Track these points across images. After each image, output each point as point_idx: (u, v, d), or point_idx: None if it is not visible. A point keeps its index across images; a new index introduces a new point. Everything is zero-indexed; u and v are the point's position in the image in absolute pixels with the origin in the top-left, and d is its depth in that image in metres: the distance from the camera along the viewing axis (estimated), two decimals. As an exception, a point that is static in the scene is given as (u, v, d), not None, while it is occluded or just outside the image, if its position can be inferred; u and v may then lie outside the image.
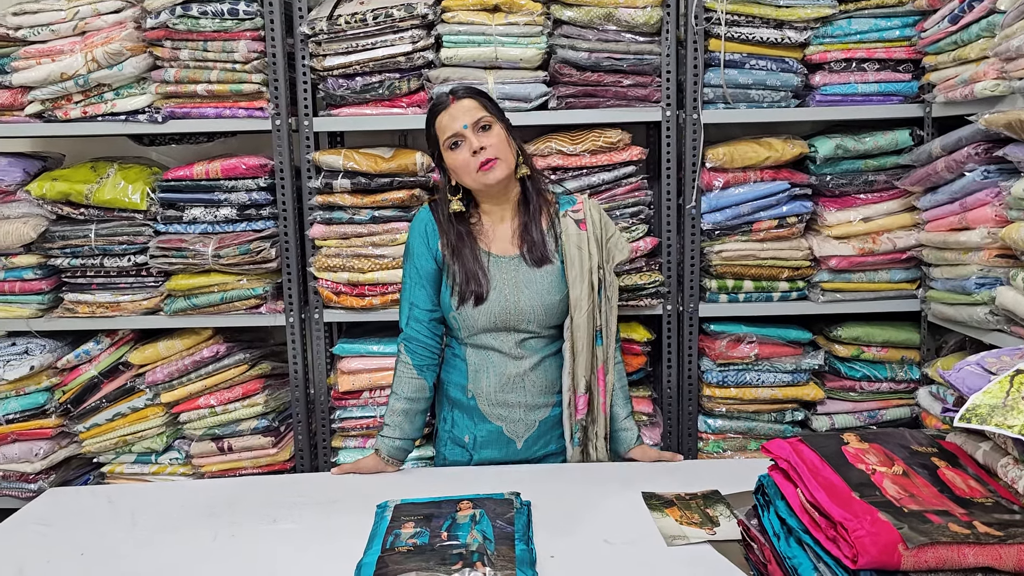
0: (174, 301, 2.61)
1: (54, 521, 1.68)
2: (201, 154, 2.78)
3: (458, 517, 1.53)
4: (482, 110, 1.90)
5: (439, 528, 1.48)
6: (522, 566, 1.34)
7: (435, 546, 1.41)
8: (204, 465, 2.69)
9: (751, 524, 1.33)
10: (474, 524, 1.49)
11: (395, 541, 1.45)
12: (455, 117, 1.89)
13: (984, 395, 1.19)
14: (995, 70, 2.05)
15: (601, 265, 1.99)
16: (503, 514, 1.53)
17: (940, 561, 1.01)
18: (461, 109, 1.90)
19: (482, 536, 1.44)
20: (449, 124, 1.90)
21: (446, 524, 1.50)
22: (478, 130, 1.89)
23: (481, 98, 1.94)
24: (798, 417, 2.66)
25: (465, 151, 1.88)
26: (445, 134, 1.91)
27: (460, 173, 1.91)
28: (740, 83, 2.50)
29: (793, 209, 2.55)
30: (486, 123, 1.90)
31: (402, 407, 1.98)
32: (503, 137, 1.91)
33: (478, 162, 1.87)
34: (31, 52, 2.51)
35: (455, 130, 1.89)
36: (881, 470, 1.19)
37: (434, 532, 1.47)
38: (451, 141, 1.90)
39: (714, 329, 2.61)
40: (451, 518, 1.52)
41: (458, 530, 1.47)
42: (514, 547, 1.40)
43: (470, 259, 1.93)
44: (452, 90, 1.94)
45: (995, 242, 2.04)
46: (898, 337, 2.62)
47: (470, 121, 1.88)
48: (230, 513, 1.68)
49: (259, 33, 2.50)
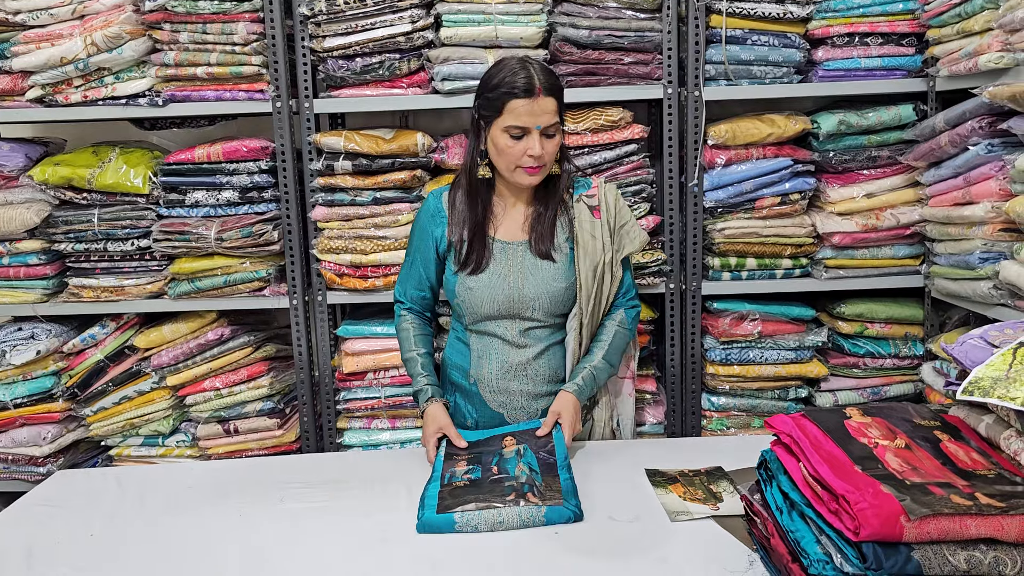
0: (178, 285, 2.62)
1: (62, 503, 1.69)
2: (202, 137, 2.78)
3: (504, 453, 1.71)
4: (556, 116, 1.84)
5: (489, 464, 1.67)
6: (567, 496, 1.50)
7: (488, 480, 1.60)
8: (211, 447, 2.71)
9: (754, 499, 1.33)
10: (519, 458, 1.67)
11: (452, 477, 1.63)
12: (535, 114, 1.79)
13: (987, 368, 1.19)
14: (999, 42, 2.03)
15: (612, 258, 1.95)
16: (544, 445, 1.72)
17: (942, 532, 1.02)
18: (542, 108, 1.80)
19: (528, 468, 1.62)
20: (525, 116, 1.79)
21: (494, 460, 1.68)
22: (544, 135, 1.83)
23: (560, 100, 1.86)
24: (802, 394, 2.67)
25: (523, 146, 1.81)
26: (515, 121, 1.80)
27: (501, 156, 1.85)
28: (742, 59, 2.48)
29: (796, 186, 2.54)
30: (553, 132, 1.84)
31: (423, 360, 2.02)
32: (558, 145, 1.87)
33: (527, 164, 1.83)
34: (30, 36, 2.50)
35: (527, 125, 1.80)
36: (883, 443, 1.20)
37: (485, 467, 1.66)
38: (517, 131, 1.81)
39: (717, 307, 2.61)
40: (498, 454, 1.71)
41: (506, 464, 1.65)
42: (558, 477, 1.58)
43: (479, 233, 1.92)
44: (539, 79, 1.80)
45: (999, 216, 2.03)
46: (902, 313, 2.61)
47: (545, 123, 1.81)
48: (238, 494, 1.69)
49: (258, 15, 2.49)
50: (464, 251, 1.92)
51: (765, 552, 1.29)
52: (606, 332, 1.98)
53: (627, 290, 2.02)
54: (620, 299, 2.00)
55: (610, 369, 1.97)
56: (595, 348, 1.96)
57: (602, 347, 1.96)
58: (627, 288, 2.02)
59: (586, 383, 1.91)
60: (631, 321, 2.02)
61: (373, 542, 1.45)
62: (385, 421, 2.65)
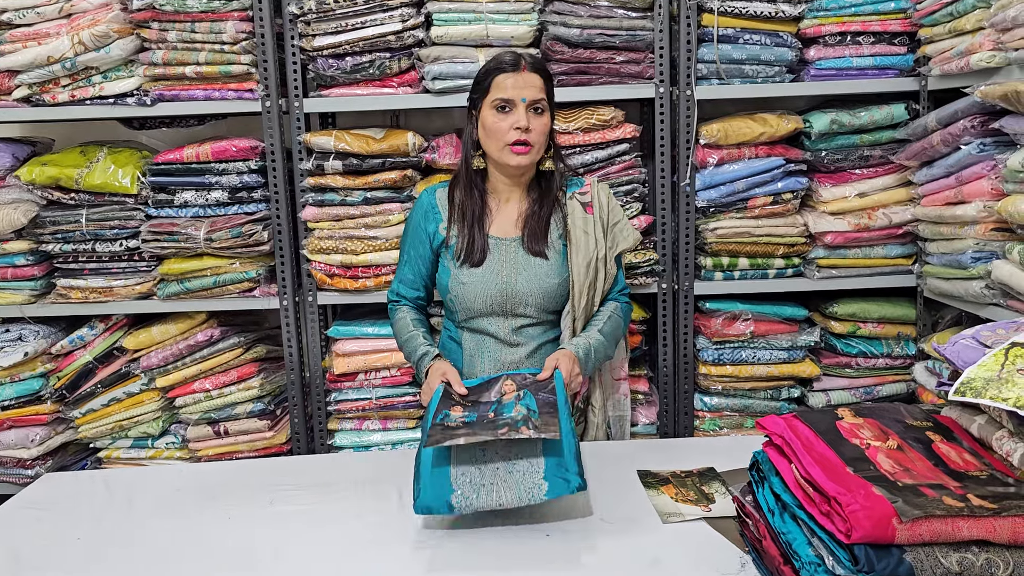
0: (167, 285, 2.60)
1: (50, 506, 1.67)
2: (191, 137, 2.76)
3: (504, 400, 1.63)
4: (543, 92, 1.87)
5: (486, 411, 1.59)
6: (569, 458, 1.45)
7: (483, 421, 1.53)
8: (201, 449, 2.69)
9: (746, 500, 1.33)
10: (518, 401, 1.60)
11: (445, 419, 1.56)
12: (519, 86, 1.84)
13: (979, 368, 1.18)
14: (991, 41, 2.03)
15: (605, 255, 1.96)
16: (544, 387, 1.65)
17: (934, 534, 1.01)
18: (527, 81, 1.85)
19: (526, 408, 1.55)
20: (510, 89, 1.84)
21: (492, 407, 1.60)
22: (531, 110, 1.85)
23: (547, 80, 1.90)
24: (794, 394, 2.66)
25: (510, 120, 1.84)
26: (500, 94, 1.85)
27: (490, 137, 1.87)
28: (734, 58, 2.47)
29: (788, 185, 2.53)
30: (541, 107, 1.87)
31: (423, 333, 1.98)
32: (547, 127, 1.89)
33: (514, 139, 1.84)
34: (17, 35, 2.48)
35: (512, 97, 1.84)
36: (875, 444, 1.19)
37: (481, 414, 1.58)
38: (502, 104, 1.85)
39: (709, 307, 2.60)
40: (497, 402, 1.63)
41: (504, 409, 1.58)
42: (557, 415, 1.51)
43: (475, 227, 1.92)
44: (525, 56, 1.89)
45: (991, 215, 2.03)
46: (894, 313, 2.61)
47: (530, 97, 1.85)
48: (227, 496, 1.68)
49: (247, 13, 2.47)
50: (464, 244, 1.92)
51: (757, 554, 1.29)
52: (602, 313, 1.98)
53: (621, 288, 2.03)
54: (613, 293, 2.01)
55: (606, 345, 1.93)
56: (591, 325, 1.95)
57: (598, 323, 1.95)
58: (621, 286, 2.03)
59: (583, 347, 1.88)
60: (624, 312, 2.03)
61: (364, 543, 1.44)
62: (376, 422, 2.63)
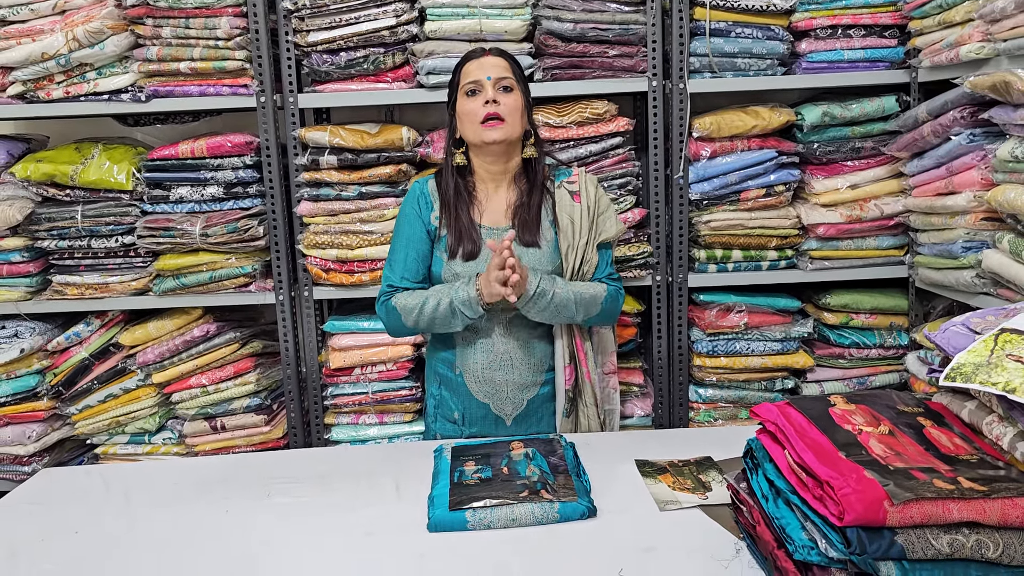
0: (163, 281, 2.61)
1: (47, 501, 1.67)
2: (186, 133, 2.76)
3: (513, 455, 1.67)
4: (509, 72, 1.95)
5: (499, 464, 1.63)
6: (581, 494, 1.49)
7: (499, 479, 1.56)
8: (197, 444, 2.70)
9: (740, 487, 1.34)
10: (530, 460, 1.64)
11: (461, 476, 1.58)
12: (483, 67, 1.94)
13: (969, 354, 1.19)
14: (980, 32, 2.04)
15: (589, 242, 1.98)
16: (553, 451, 1.68)
17: (925, 516, 1.03)
18: (491, 63, 1.94)
19: (539, 470, 1.58)
20: (475, 72, 1.94)
21: (504, 461, 1.64)
22: (499, 88, 1.92)
23: (513, 63, 1.98)
24: (788, 385, 2.68)
25: (479, 100, 1.91)
26: (467, 78, 1.94)
27: (465, 122, 1.93)
28: (726, 52, 2.49)
29: (781, 177, 2.55)
30: (508, 85, 1.93)
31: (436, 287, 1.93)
32: (519, 105, 1.94)
33: (485, 113, 1.89)
34: (11, 32, 2.48)
35: (478, 78, 1.92)
36: (867, 430, 1.20)
37: (495, 468, 1.61)
38: (470, 87, 1.93)
39: (703, 299, 2.62)
40: (507, 456, 1.67)
41: (516, 466, 1.61)
42: (571, 478, 1.55)
43: (465, 218, 1.94)
44: (489, 47, 2.00)
45: (981, 205, 2.05)
46: (886, 303, 2.63)
47: (495, 75, 1.92)
48: (224, 490, 1.68)
49: (241, 9, 2.47)
50: (455, 235, 1.93)
51: (751, 539, 1.30)
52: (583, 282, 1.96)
53: (609, 273, 2.02)
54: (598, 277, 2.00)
55: (570, 298, 1.88)
56: None
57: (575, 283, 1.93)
58: (605, 272, 2.01)
59: (547, 279, 1.87)
60: (610, 292, 1.98)
61: (360, 536, 1.44)
62: (373, 416, 2.64)
